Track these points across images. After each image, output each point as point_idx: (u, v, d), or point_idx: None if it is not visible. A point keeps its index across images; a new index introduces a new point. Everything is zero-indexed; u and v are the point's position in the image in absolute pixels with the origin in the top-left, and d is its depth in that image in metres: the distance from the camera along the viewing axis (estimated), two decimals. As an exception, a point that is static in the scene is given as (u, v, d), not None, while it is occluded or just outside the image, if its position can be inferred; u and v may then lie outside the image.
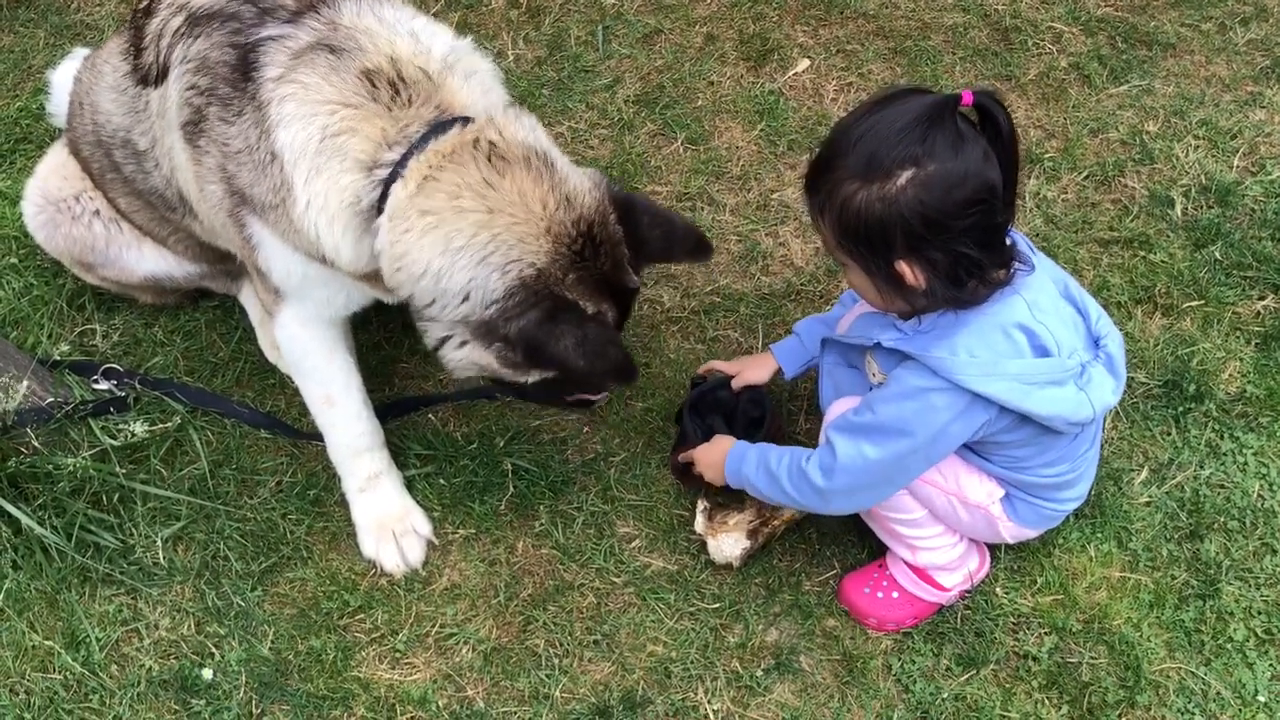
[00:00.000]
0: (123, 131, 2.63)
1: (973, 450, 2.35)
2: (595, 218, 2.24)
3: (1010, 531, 2.47)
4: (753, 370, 2.70)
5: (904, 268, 2.11)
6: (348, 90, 2.21)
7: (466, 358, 2.31)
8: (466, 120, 2.23)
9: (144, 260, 2.91)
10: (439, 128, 2.21)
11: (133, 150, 2.63)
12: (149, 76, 2.48)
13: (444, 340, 2.31)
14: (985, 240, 2.11)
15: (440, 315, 2.26)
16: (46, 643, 2.55)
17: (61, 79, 3.14)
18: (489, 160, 2.19)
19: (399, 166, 2.19)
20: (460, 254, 2.18)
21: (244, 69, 2.26)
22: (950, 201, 2.04)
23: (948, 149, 2.04)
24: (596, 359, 2.21)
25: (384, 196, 2.20)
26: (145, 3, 2.53)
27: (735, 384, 2.70)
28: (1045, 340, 2.18)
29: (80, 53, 3.17)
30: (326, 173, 2.22)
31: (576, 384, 2.43)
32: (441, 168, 2.18)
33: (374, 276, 2.33)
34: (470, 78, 2.31)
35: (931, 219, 2.05)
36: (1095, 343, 2.29)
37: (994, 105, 2.09)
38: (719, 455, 2.49)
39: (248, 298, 3.04)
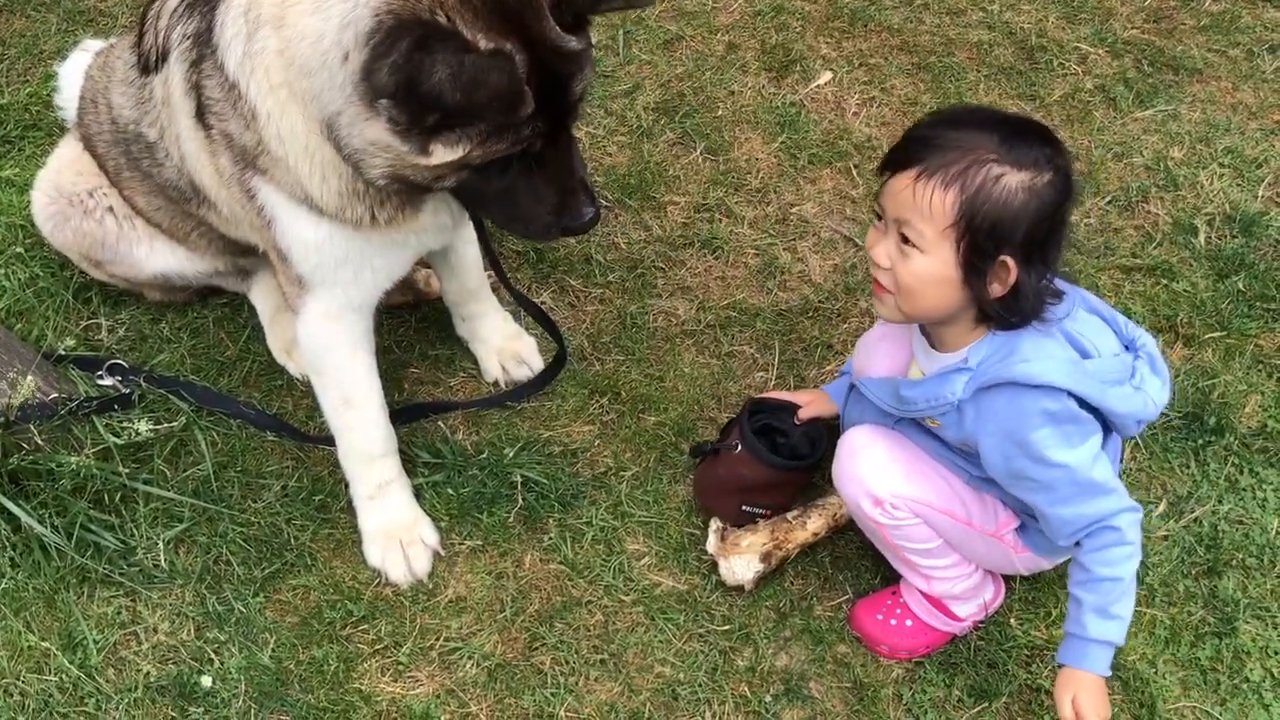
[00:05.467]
0: (134, 125, 2.58)
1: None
2: None
3: (1024, 562, 2.43)
4: (819, 405, 2.63)
5: (1010, 264, 2.07)
6: None
7: (363, 138, 2.03)
8: None
9: (154, 257, 2.85)
10: None
11: (145, 144, 2.58)
12: (149, 63, 2.44)
13: (348, 134, 2.05)
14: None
15: (335, 97, 2.02)
16: (43, 644, 2.50)
17: (70, 71, 3.09)
18: None
19: None
20: None
21: (210, 23, 2.22)
22: (1067, 210, 2.10)
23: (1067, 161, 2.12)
24: (474, 88, 1.86)
25: None
26: None
27: (804, 414, 2.61)
28: (1086, 346, 2.16)
29: (90, 44, 3.12)
30: (257, 62, 2.11)
31: (508, 190, 2.13)
32: None
33: (365, 190, 2.20)
34: None
35: (1057, 220, 2.08)
36: (1128, 347, 2.27)
37: None
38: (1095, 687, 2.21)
39: (258, 296, 2.99)
